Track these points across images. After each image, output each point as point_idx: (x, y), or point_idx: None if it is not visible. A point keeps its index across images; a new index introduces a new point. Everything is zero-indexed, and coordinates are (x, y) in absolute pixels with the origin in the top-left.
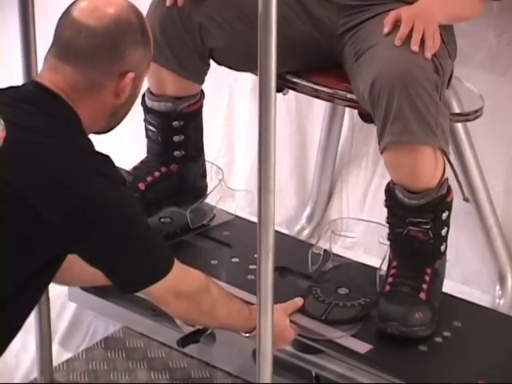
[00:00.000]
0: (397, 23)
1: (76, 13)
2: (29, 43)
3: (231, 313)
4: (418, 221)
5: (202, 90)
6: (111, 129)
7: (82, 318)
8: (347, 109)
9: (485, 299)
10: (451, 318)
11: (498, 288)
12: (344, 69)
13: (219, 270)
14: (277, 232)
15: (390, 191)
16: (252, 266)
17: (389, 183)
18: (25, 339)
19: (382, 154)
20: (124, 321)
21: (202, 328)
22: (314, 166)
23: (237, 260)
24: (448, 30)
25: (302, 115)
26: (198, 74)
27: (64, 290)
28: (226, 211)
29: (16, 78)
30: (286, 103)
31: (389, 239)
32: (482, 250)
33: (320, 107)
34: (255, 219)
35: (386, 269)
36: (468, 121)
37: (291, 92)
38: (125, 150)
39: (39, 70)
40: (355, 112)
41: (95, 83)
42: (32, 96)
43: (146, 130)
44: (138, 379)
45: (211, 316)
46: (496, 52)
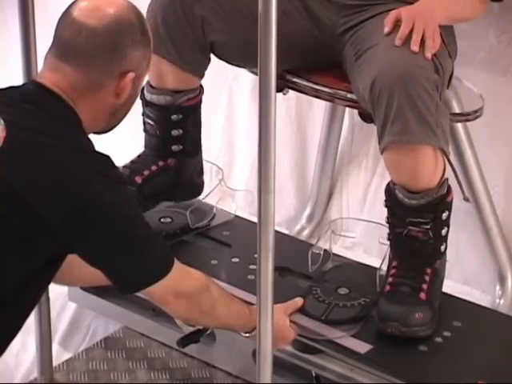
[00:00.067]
0: (397, 23)
1: (76, 13)
2: (29, 43)
3: (231, 313)
4: (418, 221)
5: (202, 86)
6: (111, 128)
7: (82, 317)
8: (347, 109)
9: (485, 299)
10: (451, 317)
11: (498, 288)
12: (344, 68)
13: (219, 269)
14: (277, 232)
15: (389, 191)
16: (252, 266)
17: (389, 183)
18: (25, 339)
19: (382, 154)
20: (124, 321)
21: (202, 328)
22: (314, 166)
23: (237, 260)
24: (448, 31)
25: (302, 115)
26: (199, 67)
27: (64, 289)
28: (226, 211)
29: (16, 78)
30: (285, 103)
31: (389, 239)
32: (482, 249)
33: (320, 107)
34: (255, 219)
35: (386, 269)
36: (468, 121)
37: (291, 92)
38: (124, 149)
39: (39, 69)
40: (355, 112)
41: (95, 83)
42: (32, 96)
43: (144, 123)
44: (138, 379)
45: (211, 316)
46: (496, 52)
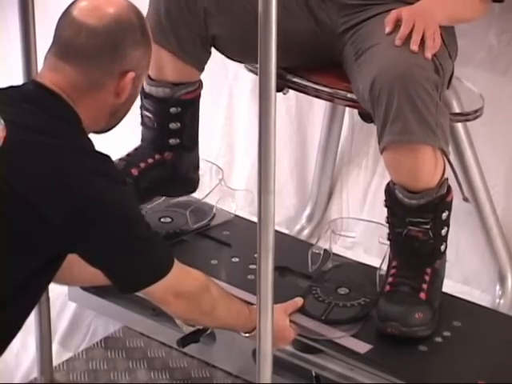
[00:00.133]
0: (398, 23)
1: (76, 12)
2: (29, 43)
3: (231, 313)
4: (417, 221)
5: (201, 81)
6: (111, 128)
7: (81, 317)
8: (347, 108)
9: (485, 299)
10: (451, 318)
11: (498, 288)
12: (344, 68)
13: (219, 269)
14: (277, 232)
15: (389, 191)
16: (252, 266)
17: (389, 183)
18: (25, 339)
19: (381, 154)
20: (124, 321)
21: (202, 328)
22: (314, 165)
23: (237, 260)
24: (449, 31)
25: (302, 115)
26: (199, 59)
27: (64, 289)
28: (225, 211)
29: (16, 78)
30: (285, 103)
31: (389, 239)
32: (481, 249)
33: (320, 107)
34: (255, 219)
35: (386, 269)
36: (468, 121)
37: (291, 92)
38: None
39: (39, 69)
40: (355, 112)
41: (95, 83)
42: (32, 95)
43: (142, 116)
44: (137, 379)
45: (211, 316)
46: (496, 52)
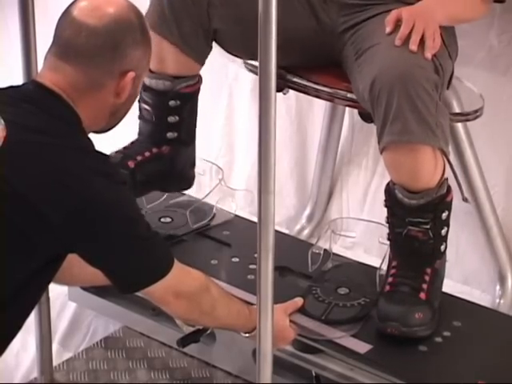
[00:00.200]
0: (398, 23)
1: (76, 12)
2: (29, 43)
3: (231, 313)
4: (417, 221)
5: (200, 76)
6: (111, 128)
7: (81, 317)
8: (347, 108)
9: (485, 299)
10: (451, 318)
11: (497, 288)
12: (344, 68)
13: (219, 269)
14: (277, 232)
15: (389, 191)
16: (252, 266)
17: (388, 183)
18: (25, 339)
19: (381, 154)
20: (124, 321)
21: (202, 328)
22: (314, 165)
23: (237, 260)
24: (449, 31)
25: (302, 115)
26: (200, 52)
27: (64, 289)
28: (225, 211)
29: (16, 78)
30: (285, 103)
31: (389, 239)
32: (481, 249)
33: (320, 107)
34: (255, 219)
35: (386, 269)
36: (468, 121)
37: (291, 92)
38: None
39: (39, 69)
40: (355, 112)
41: (95, 82)
42: (32, 95)
43: (140, 109)
44: (137, 379)
45: (211, 316)
46: (496, 52)
